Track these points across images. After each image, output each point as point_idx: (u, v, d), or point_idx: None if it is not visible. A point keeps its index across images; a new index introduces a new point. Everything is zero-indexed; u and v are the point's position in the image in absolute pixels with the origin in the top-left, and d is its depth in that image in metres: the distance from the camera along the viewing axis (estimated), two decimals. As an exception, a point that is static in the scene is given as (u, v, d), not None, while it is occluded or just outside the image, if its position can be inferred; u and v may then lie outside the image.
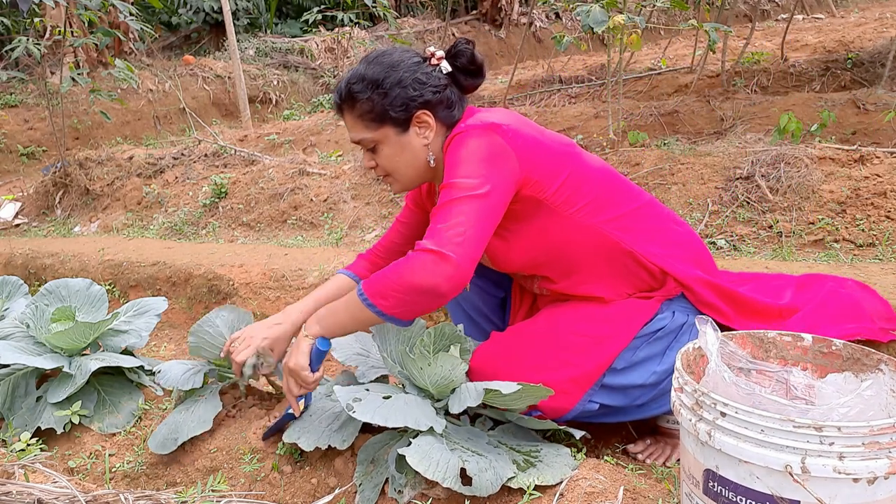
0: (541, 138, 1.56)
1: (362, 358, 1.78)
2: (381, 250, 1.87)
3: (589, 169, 1.59)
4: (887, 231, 2.39)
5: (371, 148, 1.59)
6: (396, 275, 1.39)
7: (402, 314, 1.43)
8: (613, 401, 1.58)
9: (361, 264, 1.87)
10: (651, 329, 1.58)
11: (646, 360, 1.57)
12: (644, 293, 1.62)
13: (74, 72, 4.81)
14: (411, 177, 1.61)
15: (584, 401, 1.56)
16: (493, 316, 1.91)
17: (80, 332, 2.06)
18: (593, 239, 1.56)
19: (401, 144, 1.56)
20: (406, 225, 1.86)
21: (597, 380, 1.56)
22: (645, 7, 4.83)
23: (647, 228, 1.62)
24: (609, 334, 1.56)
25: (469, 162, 1.44)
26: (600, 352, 1.55)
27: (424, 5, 11.61)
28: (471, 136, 1.48)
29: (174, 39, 10.41)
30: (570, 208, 1.54)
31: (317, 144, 5.19)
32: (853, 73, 4.67)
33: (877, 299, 1.75)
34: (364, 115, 1.54)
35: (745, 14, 10.01)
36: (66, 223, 4.62)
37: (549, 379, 1.52)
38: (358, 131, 1.57)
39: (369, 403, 1.46)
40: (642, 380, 1.56)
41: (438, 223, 1.40)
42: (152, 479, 1.82)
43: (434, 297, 1.37)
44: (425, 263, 1.36)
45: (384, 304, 1.41)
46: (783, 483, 1.00)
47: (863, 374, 1.22)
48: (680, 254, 1.63)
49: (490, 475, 1.39)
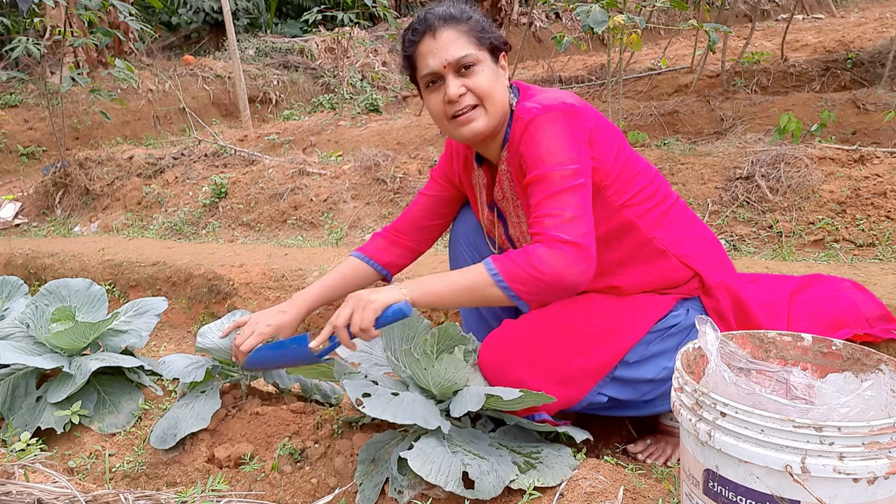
0: (607, 123, 1.56)
1: (365, 355, 1.78)
2: (404, 225, 1.83)
3: (638, 163, 1.60)
4: (887, 231, 2.39)
5: (468, 68, 1.48)
6: (541, 264, 1.36)
7: (534, 302, 1.44)
8: (622, 394, 1.58)
9: (378, 243, 1.83)
10: (665, 325, 1.58)
11: (658, 354, 1.57)
12: (662, 290, 1.62)
13: (74, 72, 4.81)
14: (499, 110, 1.52)
15: (594, 392, 1.56)
16: (504, 315, 1.89)
17: (80, 332, 2.05)
18: (630, 234, 1.57)
19: (496, 73, 1.52)
20: (432, 198, 1.83)
21: (608, 372, 1.55)
22: (645, 7, 4.83)
23: (679, 227, 1.62)
24: (623, 327, 1.56)
25: (561, 148, 1.42)
26: (614, 344, 1.55)
27: (424, 5, 11.61)
28: (552, 119, 1.45)
29: (174, 39, 10.41)
30: (619, 199, 1.54)
31: (317, 144, 5.19)
32: (853, 73, 4.67)
33: (873, 302, 1.76)
34: (471, 31, 1.49)
35: (745, 14, 10.01)
36: (66, 223, 4.62)
37: (561, 369, 1.52)
38: (462, 47, 1.47)
39: (379, 399, 1.45)
40: (652, 374, 1.56)
41: (557, 213, 1.38)
42: (152, 479, 1.82)
43: (571, 291, 1.40)
44: (569, 257, 1.35)
45: (522, 290, 1.38)
46: (783, 483, 1.00)
47: (863, 374, 1.22)
48: (710, 258, 1.64)
49: (492, 478, 1.39)
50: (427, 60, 1.50)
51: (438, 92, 1.51)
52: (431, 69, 1.49)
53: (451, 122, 1.53)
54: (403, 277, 2.61)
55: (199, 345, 1.92)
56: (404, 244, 1.84)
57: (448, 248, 1.93)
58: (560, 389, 1.52)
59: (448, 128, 1.55)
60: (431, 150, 4.02)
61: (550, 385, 1.52)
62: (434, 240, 1.90)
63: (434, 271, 2.59)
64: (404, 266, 1.89)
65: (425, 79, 1.52)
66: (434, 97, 1.53)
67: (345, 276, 1.79)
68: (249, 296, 2.82)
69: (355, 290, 1.84)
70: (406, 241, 1.84)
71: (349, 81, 8.07)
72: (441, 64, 1.48)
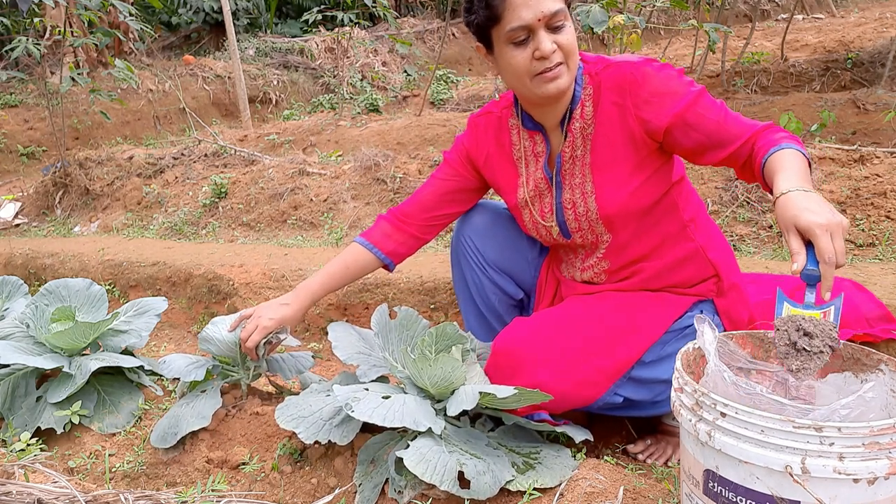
0: None
1: (363, 357, 1.78)
2: (411, 208, 1.78)
3: None
4: (887, 231, 2.39)
5: (559, 25, 1.43)
6: None
7: None
8: (637, 394, 1.57)
9: (383, 228, 1.80)
10: (681, 325, 1.58)
11: (673, 355, 1.55)
12: (682, 288, 1.62)
13: (74, 72, 4.81)
14: (574, 71, 1.50)
15: (611, 392, 1.55)
16: (507, 317, 1.87)
17: (80, 332, 2.05)
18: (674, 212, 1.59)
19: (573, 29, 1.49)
20: (445, 183, 1.77)
21: (626, 371, 1.55)
22: (645, 7, 4.83)
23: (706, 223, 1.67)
24: (640, 326, 1.55)
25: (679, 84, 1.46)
26: (631, 343, 1.54)
27: (424, 5, 11.60)
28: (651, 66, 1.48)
29: (174, 39, 10.41)
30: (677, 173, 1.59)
31: (317, 144, 5.19)
32: (853, 73, 4.67)
33: (873, 302, 1.75)
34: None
35: (745, 14, 10.01)
36: (66, 223, 4.62)
37: (578, 368, 1.51)
38: (555, 1, 1.41)
39: (368, 403, 1.46)
40: (668, 375, 1.55)
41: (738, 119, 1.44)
42: (152, 479, 1.82)
43: None
44: None
45: None
46: (783, 483, 1.00)
47: (863, 375, 1.22)
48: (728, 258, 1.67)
49: (488, 478, 1.39)
50: (520, 12, 1.40)
51: (526, 48, 1.43)
52: (525, 21, 1.40)
53: (535, 79, 1.46)
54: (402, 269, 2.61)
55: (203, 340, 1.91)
56: (408, 231, 1.79)
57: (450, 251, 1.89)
58: (579, 389, 1.51)
59: (530, 86, 1.48)
60: (431, 150, 4.02)
61: (570, 385, 1.51)
62: (439, 230, 1.83)
63: (434, 272, 2.59)
64: (406, 256, 1.84)
65: (514, 33, 1.42)
66: (520, 53, 1.44)
67: (347, 265, 1.77)
68: (249, 296, 2.82)
69: (358, 278, 1.84)
70: (411, 227, 1.79)
71: (349, 81, 8.07)
72: (536, 17, 1.40)
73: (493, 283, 1.81)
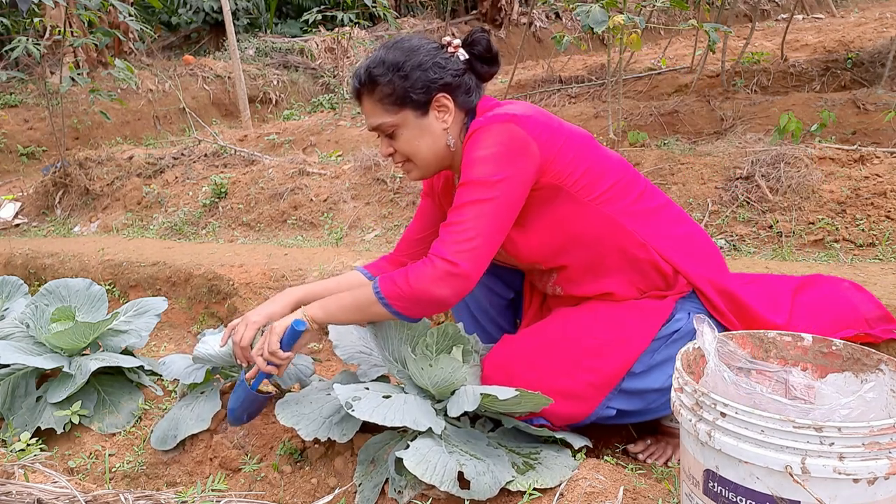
0: (561, 128, 1.57)
1: (364, 356, 1.78)
2: (405, 246, 1.87)
3: (609, 160, 1.60)
4: (887, 231, 2.39)
5: (390, 133, 1.57)
6: (411, 280, 1.48)
7: (412, 315, 1.55)
8: (630, 405, 1.56)
9: (381, 263, 1.86)
10: (668, 331, 1.56)
11: (663, 362, 1.55)
12: (657, 292, 1.60)
13: (74, 72, 4.80)
14: (430, 162, 1.60)
15: (603, 406, 1.55)
16: (499, 318, 1.89)
17: (80, 332, 2.05)
18: (609, 229, 1.56)
19: (420, 128, 1.56)
20: (422, 217, 1.86)
21: (616, 384, 1.54)
22: (645, 7, 4.83)
23: (662, 226, 1.61)
24: (627, 337, 1.54)
25: (487, 160, 1.46)
26: (619, 355, 1.53)
27: (424, 5, 11.61)
28: (490, 130, 1.48)
29: (174, 39, 10.41)
30: (588, 195, 1.54)
31: (317, 144, 5.19)
32: (853, 73, 4.67)
33: (872, 303, 1.75)
34: (384, 99, 1.54)
35: (745, 14, 10.00)
36: (66, 223, 4.62)
37: (568, 384, 1.51)
38: (377, 116, 1.56)
39: (368, 402, 1.46)
40: (659, 383, 1.54)
41: (452, 227, 1.46)
42: (152, 479, 1.82)
43: (441, 307, 1.50)
44: (436, 274, 1.44)
45: (400, 306, 1.51)
46: (783, 483, 1.00)
47: (863, 375, 1.22)
48: (694, 255, 1.63)
49: (488, 479, 1.39)
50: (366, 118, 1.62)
51: None
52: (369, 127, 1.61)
53: None
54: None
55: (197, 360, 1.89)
56: (400, 260, 1.84)
57: None
58: (569, 405, 1.51)
59: None
60: (431, 150, 4.01)
61: (561, 405, 1.51)
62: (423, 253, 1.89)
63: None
64: None
65: None
66: None
67: (339, 283, 1.80)
68: (249, 296, 2.81)
69: None
70: (402, 256, 1.85)
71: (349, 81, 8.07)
72: (370, 127, 1.60)
73: (481, 285, 1.82)
